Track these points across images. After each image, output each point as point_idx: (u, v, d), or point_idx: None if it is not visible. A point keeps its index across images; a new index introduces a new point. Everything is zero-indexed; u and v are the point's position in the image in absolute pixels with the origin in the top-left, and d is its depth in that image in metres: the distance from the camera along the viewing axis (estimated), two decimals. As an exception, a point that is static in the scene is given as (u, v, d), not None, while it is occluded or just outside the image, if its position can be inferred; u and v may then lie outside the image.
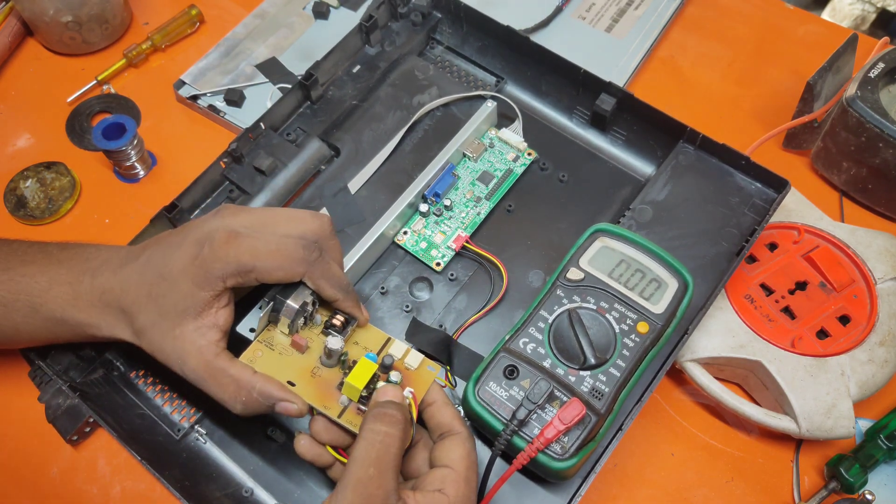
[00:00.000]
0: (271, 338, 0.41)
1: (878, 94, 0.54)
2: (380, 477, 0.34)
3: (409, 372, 0.41)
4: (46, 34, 0.62)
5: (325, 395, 0.39)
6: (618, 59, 0.62)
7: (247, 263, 0.37)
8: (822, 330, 0.48)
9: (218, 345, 0.39)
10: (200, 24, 0.65)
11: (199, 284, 0.37)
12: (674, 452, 0.47)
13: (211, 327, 0.38)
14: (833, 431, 0.45)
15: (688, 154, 0.53)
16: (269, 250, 0.38)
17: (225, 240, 0.37)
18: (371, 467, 0.34)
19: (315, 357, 0.41)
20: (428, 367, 0.41)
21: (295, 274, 0.39)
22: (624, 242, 0.45)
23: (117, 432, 0.42)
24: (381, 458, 0.35)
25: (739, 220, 0.50)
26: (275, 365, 0.40)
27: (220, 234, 0.38)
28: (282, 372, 0.40)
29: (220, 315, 0.39)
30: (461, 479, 0.37)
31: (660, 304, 0.43)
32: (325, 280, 0.40)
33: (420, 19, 0.59)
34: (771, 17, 0.68)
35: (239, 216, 0.39)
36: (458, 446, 0.38)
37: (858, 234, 0.51)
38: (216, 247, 0.37)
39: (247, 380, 0.38)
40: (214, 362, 0.38)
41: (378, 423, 0.36)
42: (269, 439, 0.45)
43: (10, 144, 0.59)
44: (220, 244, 0.37)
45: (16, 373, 0.47)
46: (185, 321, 0.38)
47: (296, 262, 0.38)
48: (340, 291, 0.41)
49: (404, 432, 0.36)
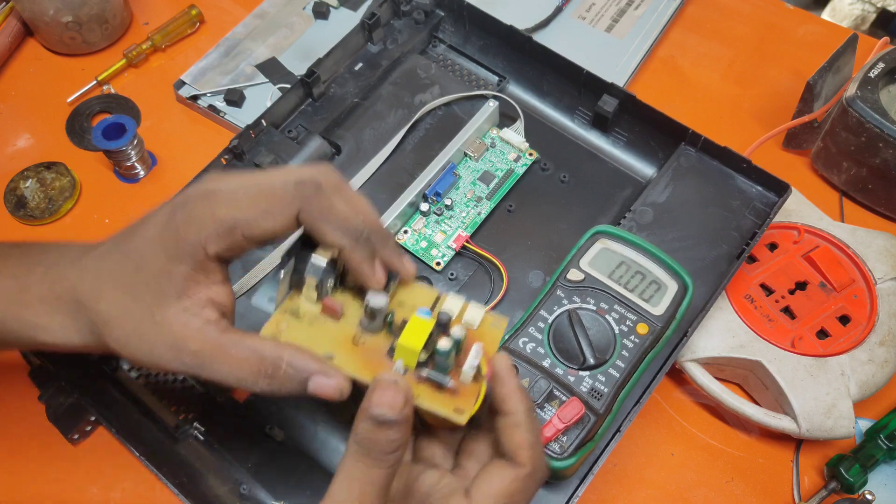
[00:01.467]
0: (296, 306, 0.33)
1: (878, 94, 0.54)
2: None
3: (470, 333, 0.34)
4: (46, 34, 0.62)
5: (375, 364, 0.32)
6: (618, 59, 0.62)
7: (225, 218, 0.30)
8: (822, 330, 0.48)
9: (220, 323, 0.31)
10: (200, 24, 0.65)
11: (174, 257, 0.30)
12: (674, 452, 0.47)
13: (205, 305, 0.31)
14: (833, 431, 0.45)
15: (689, 156, 0.53)
16: (251, 196, 0.30)
17: (201, 197, 0.30)
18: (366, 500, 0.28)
19: (354, 323, 0.33)
20: (491, 324, 0.34)
21: (288, 218, 0.31)
22: (624, 244, 0.46)
23: (116, 429, 0.42)
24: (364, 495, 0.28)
25: (740, 222, 0.50)
26: (305, 338, 0.33)
27: (194, 193, 0.31)
28: (315, 345, 0.32)
29: (215, 292, 0.31)
30: None
31: (659, 305, 0.43)
32: (327, 221, 0.31)
33: (422, 17, 0.59)
34: (771, 17, 0.68)
35: (222, 178, 0.32)
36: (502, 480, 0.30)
37: (858, 234, 0.51)
38: (191, 207, 0.30)
39: (271, 350, 0.30)
40: (223, 338, 0.30)
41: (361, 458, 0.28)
42: (268, 437, 0.45)
43: (10, 144, 0.59)
44: (194, 205, 0.30)
45: (16, 372, 0.47)
46: (166, 302, 0.30)
47: (286, 202, 0.30)
48: (349, 238, 0.31)
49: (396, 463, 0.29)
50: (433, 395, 0.31)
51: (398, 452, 0.28)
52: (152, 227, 0.31)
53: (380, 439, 0.28)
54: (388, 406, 0.28)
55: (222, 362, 0.30)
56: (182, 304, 0.31)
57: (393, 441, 0.28)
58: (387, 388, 0.28)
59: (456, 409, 0.31)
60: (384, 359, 0.32)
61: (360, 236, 0.31)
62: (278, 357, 0.30)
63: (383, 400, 0.28)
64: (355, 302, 0.34)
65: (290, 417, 0.45)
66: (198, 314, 0.31)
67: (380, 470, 0.28)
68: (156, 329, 0.30)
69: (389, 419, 0.28)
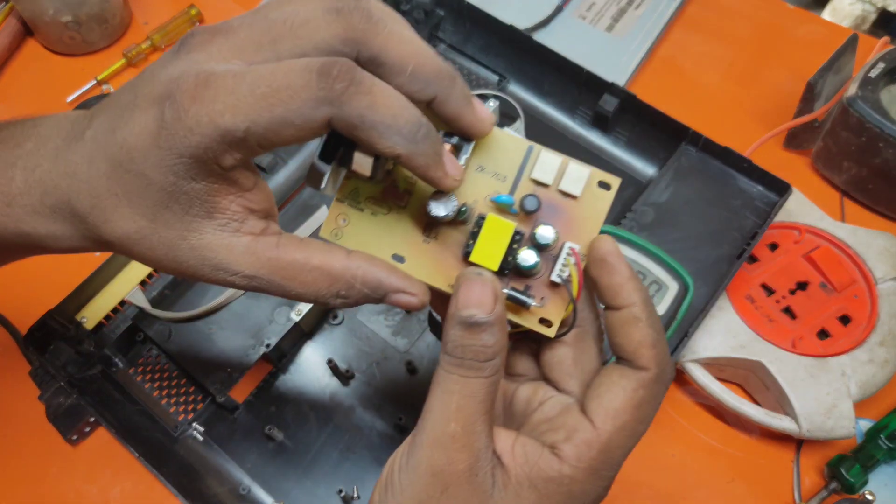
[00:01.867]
0: (356, 192, 0.28)
1: (878, 94, 0.53)
2: (465, 435, 0.24)
3: (568, 205, 0.27)
4: (46, 34, 0.62)
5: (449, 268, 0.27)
6: (618, 59, 0.62)
7: (231, 126, 0.23)
8: (823, 330, 0.48)
9: (268, 233, 0.26)
10: (200, 23, 0.65)
11: (183, 174, 0.24)
12: (674, 453, 0.47)
13: (245, 217, 0.25)
14: (834, 432, 0.45)
15: (690, 156, 0.53)
16: (260, 95, 0.22)
17: (192, 94, 0.23)
18: (451, 422, 0.25)
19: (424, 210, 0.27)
20: (598, 185, 0.27)
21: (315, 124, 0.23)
22: (625, 244, 0.46)
23: (115, 429, 0.42)
24: (463, 409, 0.25)
25: (741, 222, 0.50)
26: (369, 233, 0.28)
27: (183, 87, 0.23)
28: (382, 242, 0.28)
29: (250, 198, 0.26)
30: (594, 452, 0.25)
31: (660, 306, 0.43)
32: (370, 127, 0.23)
33: (423, 17, 0.59)
34: (771, 17, 0.68)
35: (214, 43, 0.24)
36: (624, 389, 0.26)
37: (859, 234, 0.51)
38: (181, 109, 0.23)
39: (341, 267, 0.26)
40: (282, 256, 0.26)
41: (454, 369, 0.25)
42: (267, 437, 0.45)
43: (10, 144, 0.59)
44: (185, 104, 0.23)
45: (16, 372, 0.47)
46: (196, 224, 0.25)
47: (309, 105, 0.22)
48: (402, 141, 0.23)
49: (496, 372, 0.25)
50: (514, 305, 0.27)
51: (496, 360, 0.25)
52: (139, 131, 0.24)
53: (473, 345, 0.24)
54: (476, 305, 0.24)
55: (287, 285, 0.26)
56: (215, 222, 0.25)
57: (488, 347, 0.24)
58: (473, 285, 0.25)
59: (542, 320, 0.27)
60: (458, 262, 0.27)
61: (419, 132, 0.24)
62: (350, 276, 0.26)
63: (471, 299, 0.24)
64: (421, 183, 0.28)
65: (290, 417, 0.45)
66: (238, 230, 0.25)
67: (478, 380, 0.25)
68: (194, 254, 0.25)
69: (480, 320, 0.24)
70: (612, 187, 0.27)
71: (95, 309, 0.47)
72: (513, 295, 0.27)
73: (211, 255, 0.25)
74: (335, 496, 0.43)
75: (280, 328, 0.46)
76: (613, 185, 0.27)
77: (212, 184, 0.24)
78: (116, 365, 0.46)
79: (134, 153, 0.24)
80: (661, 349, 0.26)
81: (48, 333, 0.45)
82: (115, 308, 0.47)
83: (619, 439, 0.25)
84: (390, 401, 0.46)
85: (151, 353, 0.47)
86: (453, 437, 0.24)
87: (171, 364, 0.47)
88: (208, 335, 0.47)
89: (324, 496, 0.43)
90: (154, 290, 0.48)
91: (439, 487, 0.25)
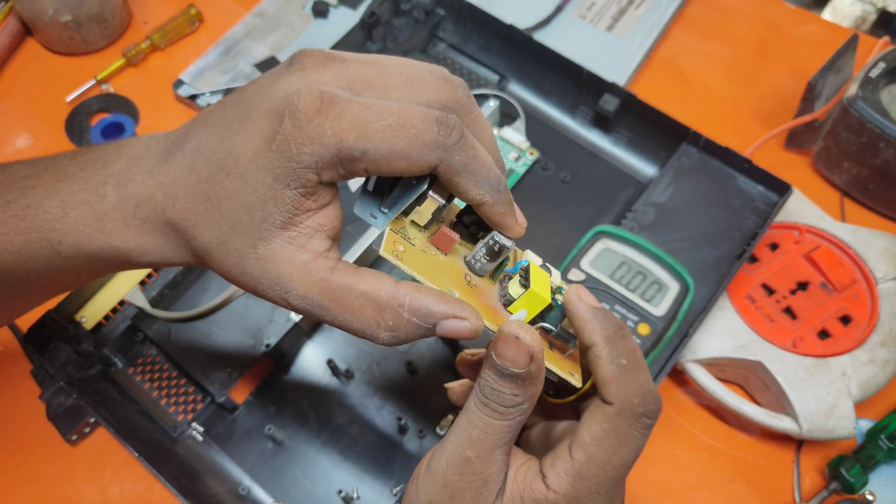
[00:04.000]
0: (403, 228, 0.29)
1: (878, 94, 0.53)
2: (478, 461, 0.27)
3: None
4: (46, 34, 0.61)
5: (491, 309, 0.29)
6: (618, 59, 0.62)
7: (353, 145, 0.24)
8: (824, 330, 0.48)
9: (329, 255, 0.27)
10: (199, 23, 0.65)
11: (282, 178, 0.25)
12: (675, 453, 0.47)
13: (313, 234, 0.27)
14: (834, 432, 0.45)
15: (690, 156, 0.52)
16: (386, 126, 0.25)
17: (317, 108, 0.25)
18: (468, 449, 0.27)
19: (461, 260, 0.30)
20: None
21: (424, 164, 0.25)
22: (625, 244, 0.45)
23: (115, 429, 0.42)
24: (481, 442, 0.27)
25: (741, 223, 0.50)
26: (423, 267, 0.28)
27: (307, 101, 0.25)
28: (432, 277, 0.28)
29: (323, 217, 0.27)
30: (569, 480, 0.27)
31: (661, 306, 0.43)
32: (469, 175, 0.26)
33: (423, 16, 0.59)
34: (772, 17, 0.68)
35: (328, 69, 0.26)
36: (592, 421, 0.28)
37: (859, 235, 0.51)
38: (304, 120, 0.24)
39: (388, 294, 0.26)
40: (333, 279, 0.27)
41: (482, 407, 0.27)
42: (267, 437, 0.44)
43: (10, 144, 0.59)
44: (309, 115, 0.24)
45: (17, 371, 0.47)
46: (269, 233, 0.26)
47: (427, 147, 0.25)
48: (491, 191, 0.27)
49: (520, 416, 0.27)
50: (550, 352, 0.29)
51: (523, 406, 0.27)
52: (252, 137, 0.25)
53: (503, 391, 0.27)
54: (511, 360, 0.26)
55: (335, 311, 0.27)
56: (287, 234, 0.26)
57: (517, 396, 0.27)
58: (510, 342, 0.26)
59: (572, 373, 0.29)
60: (498, 305, 0.30)
61: (500, 186, 0.27)
62: (398, 304, 0.26)
63: (507, 354, 0.26)
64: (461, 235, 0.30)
65: (290, 417, 0.45)
66: (304, 245, 0.27)
67: (501, 422, 0.27)
68: (259, 265, 0.27)
69: (514, 373, 0.26)
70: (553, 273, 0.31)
71: (95, 309, 0.46)
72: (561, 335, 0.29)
73: (272, 266, 0.26)
74: (335, 496, 0.43)
75: (280, 328, 0.46)
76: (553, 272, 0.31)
77: (300, 194, 0.26)
78: (115, 365, 0.46)
79: (241, 157, 0.25)
80: (627, 385, 0.27)
81: (48, 333, 0.45)
82: (114, 308, 0.47)
83: (591, 470, 0.27)
84: (390, 401, 0.46)
85: (151, 353, 0.47)
86: (467, 461, 0.27)
87: (170, 364, 0.47)
88: (208, 335, 0.47)
89: (324, 496, 0.43)
90: (153, 289, 0.48)
91: (447, 496, 0.28)
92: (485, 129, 0.29)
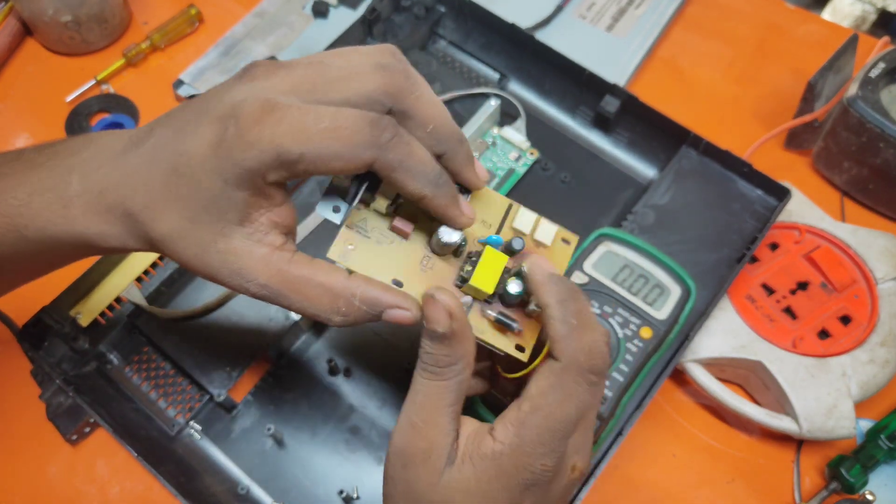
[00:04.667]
0: (364, 220, 0.31)
1: (878, 94, 0.53)
2: (424, 426, 0.29)
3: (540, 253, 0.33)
4: (46, 34, 0.61)
5: None
6: (618, 59, 0.62)
7: (290, 149, 0.26)
8: (824, 330, 0.48)
9: (285, 248, 0.30)
10: (199, 23, 0.65)
11: (231, 181, 0.27)
12: (675, 453, 0.47)
13: (268, 230, 0.29)
14: (834, 432, 0.45)
15: (690, 159, 0.52)
16: (322, 129, 0.27)
17: (257, 116, 0.27)
18: (414, 414, 0.29)
19: (422, 243, 0.32)
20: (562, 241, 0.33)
21: (360, 162, 0.27)
22: (628, 247, 0.45)
23: (112, 427, 0.42)
24: (424, 406, 0.29)
25: (741, 226, 0.50)
26: (373, 259, 0.31)
27: (250, 109, 0.27)
28: (383, 267, 0.31)
29: (277, 214, 0.29)
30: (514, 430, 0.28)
31: (662, 309, 0.43)
32: (405, 171, 0.28)
33: (423, 13, 0.59)
34: (771, 17, 0.68)
35: (276, 77, 0.28)
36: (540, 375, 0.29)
37: (860, 235, 0.51)
38: (245, 127, 0.27)
39: (342, 286, 0.29)
40: (291, 270, 0.29)
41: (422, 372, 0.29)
42: (266, 437, 0.44)
43: (10, 144, 0.59)
44: (250, 122, 0.27)
45: (16, 371, 0.47)
46: (228, 229, 0.29)
47: (360, 147, 0.27)
48: (428, 185, 0.29)
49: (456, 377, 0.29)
50: (497, 331, 0.31)
51: (456, 367, 0.29)
52: (201, 142, 0.27)
53: (434, 353, 0.29)
54: (434, 321, 0.28)
55: (293, 297, 0.30)
56: (244, 230, 0.29)
57: (448, 356, 0.29)
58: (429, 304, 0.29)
59: (517, 346, 0.31)
60: (452, 288, 0.31)
61: (440, 180, 0.29)
62: (350, 294, 0.30)
63: (430, 315, 0.28)
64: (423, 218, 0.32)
65: (290, 417, 0.45)
66: (261, 240, 0.29)
67: (439, 383, 0.29)
68: (220, 257, 0.29)
69: (439, 332, 0.28)
70: (571, 243, 0.33)
71: (91, 305, 0.46)
72: (501, 318, 0.31)
73: (233, 258, 0.29)
74: (335, 496, 0.43)
75: (280, 327, 0.46)
76: (572, 242, 0.33)
77: (251, 195, 0.28)
78: (111, 362, 0.46)
79: (192, 160, 0.28)
80: (575, 342, 0.29)
81: (43, 330, 0.45)
82: (110, 305, 0.47)
83: (535, 420, 0.28)
84: (390, 401, 0.46)
85: (147, 351, 0.47)
86: (414, 426, 0.29)
87: (167, 362, 0.47)
88: (206, 333, 0.47)
89: (324, 496, 0.43)
90: (150, 286, 0.47)
91: (400, 464, 0.29)
92: (430, 104, 0.29)
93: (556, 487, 0.29)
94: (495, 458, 0.28)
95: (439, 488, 0.28)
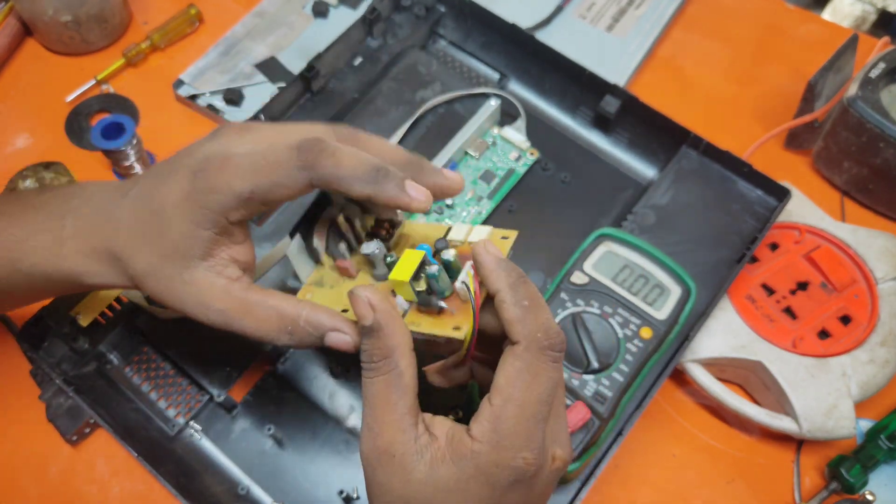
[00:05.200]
0: (320, 277, 0.36)
1: (878, 94, 0.53)
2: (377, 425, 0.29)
3: None
4: (45, 34, 0.61)
5: None
6: (618, 59, 0.62)
7: (242, 190, 0.31)
8: (824, 330, 0.48)
9: (242, 280, 0.34)
10: (199, 23, 0.65)
11: (199, 222, 0.32)
12: (675, 453, 0.47)
13: (228, 264, 0.33)
14: (834, 432, 0.45)
15: (690, 159, 0.53)
16: (259, 166, 0.31)
17: (219, 166, 0.32)
18: (367, 416, 0.30)
19: (370, 277, 0.36)
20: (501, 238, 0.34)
21: (297, 183, 0.32)
22: (628, 248, 0.46)
23: (112, 427, 0.42)
24: (372, 406, 0.30)
25: (741, 226, 0.50)
26: (328, 300, 0.35)
27: (214, 161, 0.32)
28: (333, 303, 0.35)
29: (237, 251, 0.34)
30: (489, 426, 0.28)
31: (663, 310, 0.43)
32: (342, 179, 0.31)
33: (423, 12, 0.59)
34: (771, 17, 0.68)
35: (240, 136, 0.33)
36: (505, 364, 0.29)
37: (859, 234, 0.51)
38: (210, 176, 0.31)
39: (291, 308, 0.33)
40: (247, 296, 0.33)
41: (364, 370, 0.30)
42: (266, 437, 0.44)
43: (9, 144, 0.59)
44: (214, 172, 0.31)
45: (16, 371, 0.47)
46: (192, 263, 0.33)
47: (291, 169, 0.31)
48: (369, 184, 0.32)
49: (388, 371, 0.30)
50: (433, 320, 0.32)
51: (391, 359, 0.29)
52: (175, 189, 0.32)
53: (368, 349, 0.30)
54: (360, 316, 0.30)
55: (246, 320, 0.33)
56: (207, 264, 0.33)
57: (380, 349, 0.29)
58: (353, 300, 0.30)
59: (455, 328, 0.31)
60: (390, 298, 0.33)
61: (379, 174, 0.32)
62: (297, 315, 0.33)
63: (356, 311, 0.30)
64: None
65: (290, 417, 0.45)
66: (221, 273, 0.33)
67: (380, 379, 0.30)
68: (185, 288, 0.33)
69: (367, 326, 0.30)
70: (510, 238, 0.33)
71: (91, 305, 0.46)
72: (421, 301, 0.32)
73: (195, 289, 0.33)
74: (335, 496, 0.43)
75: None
76: (510, 237, 0.33)
77: (216, 233, 0.32)
78: (111, 362, 0.46)
79: (167, 205, 0.32)
80: (531, 323, 0.29)
81: (43, 330, 0.45)
82: (110, 305, 0.47)
83: (509, 410, 0.28)
84: (390, 401, 0.46)
85: (147, 351, 0.47)
86: (370, 429, 0.30)
87: (167, 362, 0.47)
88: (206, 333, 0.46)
89: (324, 496, 0.43)
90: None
91: (370, 469, 0.30)
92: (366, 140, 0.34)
93: (539, 481, 0.29)
94: (474, 457, 0.28)
95: (416, 485, 0.29)
